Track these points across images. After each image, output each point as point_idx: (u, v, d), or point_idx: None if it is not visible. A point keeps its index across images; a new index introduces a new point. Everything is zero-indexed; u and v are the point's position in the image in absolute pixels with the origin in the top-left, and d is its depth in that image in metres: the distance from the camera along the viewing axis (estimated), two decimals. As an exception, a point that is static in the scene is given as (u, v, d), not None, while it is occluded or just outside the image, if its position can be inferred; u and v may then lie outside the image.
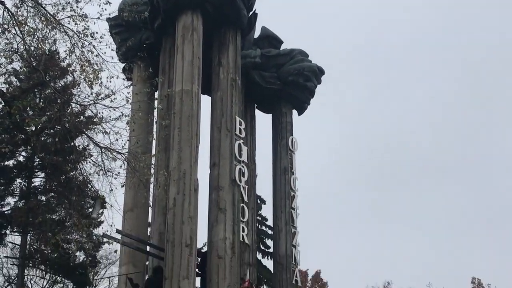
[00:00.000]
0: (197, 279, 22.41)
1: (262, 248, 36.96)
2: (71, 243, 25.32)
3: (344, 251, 74.26)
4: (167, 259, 21.28)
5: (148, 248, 23.83)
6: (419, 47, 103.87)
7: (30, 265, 32.72)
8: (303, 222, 34.85)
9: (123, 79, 20.69)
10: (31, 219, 28.51)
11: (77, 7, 15.21)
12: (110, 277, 33.72)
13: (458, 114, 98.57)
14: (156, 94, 26.17)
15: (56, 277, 34.93)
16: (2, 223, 30.33)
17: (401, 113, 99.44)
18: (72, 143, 19.52)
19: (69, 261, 31.19)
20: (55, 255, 30.01)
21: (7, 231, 31.33)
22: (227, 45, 25.94)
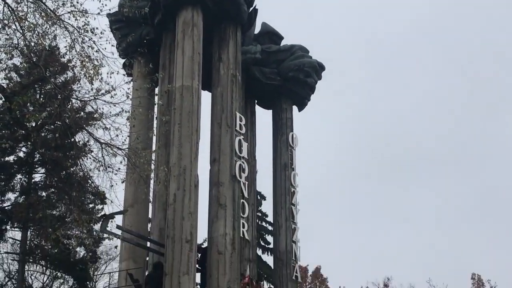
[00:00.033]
0: (197, 275, 22.46)
1: (262, 244, 36.93)
2: (72, 238, 25.37)
3: (344, 247, 74.49)
4: (167, 255, 21.29)
5: (149, 244, 23.85)
6: (419, 44, 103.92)
7: (31, 260, 32.74)
8: (303, 218, 34.78)
9: (123, 74, 20.57)
10: (31, 214, 28.53)
11: (77, 2, 15.21)
12: (110, 272, 33.90)
13: (459, 114, 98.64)
14: (157, 89, 26.14)
15: (57, 272, 34.99)
16: (2, 219, 30.36)
17: (402, 110, 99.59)
18: (72, 139, 19.53)
19: (69, 256, 31.22)
20: (56, 250, 30.08)
21: (8, 227, 31.37)
22: (227, 41, 25.89)
